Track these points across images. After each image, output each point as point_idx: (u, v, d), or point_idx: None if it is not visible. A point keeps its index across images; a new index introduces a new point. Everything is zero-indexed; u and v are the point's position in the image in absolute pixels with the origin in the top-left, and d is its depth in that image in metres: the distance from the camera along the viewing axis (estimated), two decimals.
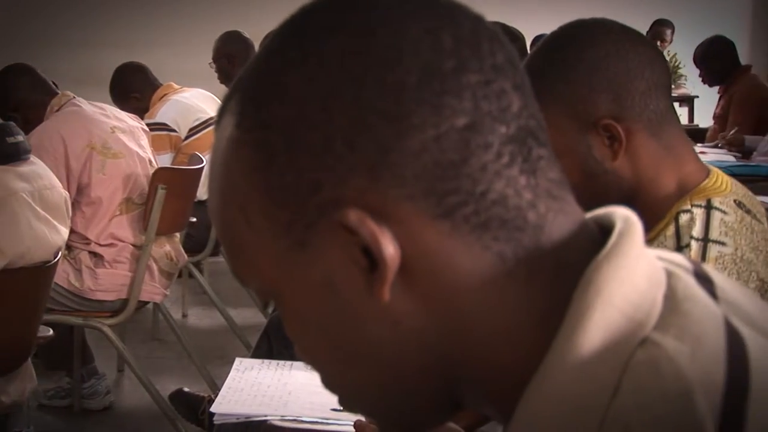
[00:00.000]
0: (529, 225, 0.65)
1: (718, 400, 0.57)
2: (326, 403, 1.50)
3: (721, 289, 0.68)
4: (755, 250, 1.41)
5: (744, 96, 5.62)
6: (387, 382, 0.68)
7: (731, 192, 1.48)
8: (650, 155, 1.46)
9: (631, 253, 0.64)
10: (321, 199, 0.63)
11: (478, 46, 0.65)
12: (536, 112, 0.68)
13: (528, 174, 0.65)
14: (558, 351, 0.62)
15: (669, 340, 0.60)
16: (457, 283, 0.64)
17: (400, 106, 0.62)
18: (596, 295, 0.62)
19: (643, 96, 1.43)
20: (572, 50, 1.45)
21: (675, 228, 1.43)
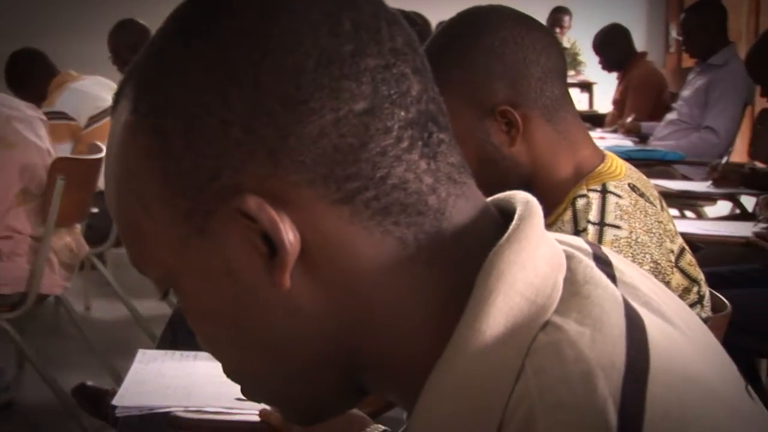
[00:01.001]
0: (430, 209, 0.65)
1: (619, 382, 0.58)
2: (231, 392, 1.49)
3: (619, 272, 0.70)
4: (649, 232, 1.45)
5: (640, 82, 5.76)
6: (289, 370, 0.68)
7: (625, 176, 1.51)
8: (546, 141, 1.48)
9: (531, 237, 0.65)
10: (219, 185, 0.63)
11: (377, 30, 0.65)
12: (436, 97, 0.68)
13: (428, 158, 0.65)
14: (461, 336, 0.62)
15: (570, 324, 0.61)
16: (358, 269, 0.64)
17: (299, 90, 0.62)
18: (498, 279, 0.62)
19: (539, 82, 1.46)
20: (469, 37, 1.46)
21: (572, 212, 1.45)
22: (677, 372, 0.60)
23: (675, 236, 1.51)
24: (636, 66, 5.82)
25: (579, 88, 8.01)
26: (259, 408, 1.31)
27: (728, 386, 0.64)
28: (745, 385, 0.69)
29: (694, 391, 0.59)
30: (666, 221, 1.50)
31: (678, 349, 0.62)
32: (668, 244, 1.47)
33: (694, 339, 0.67)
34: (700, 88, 4.91)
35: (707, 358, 0.66)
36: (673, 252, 1.48)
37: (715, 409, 0.59)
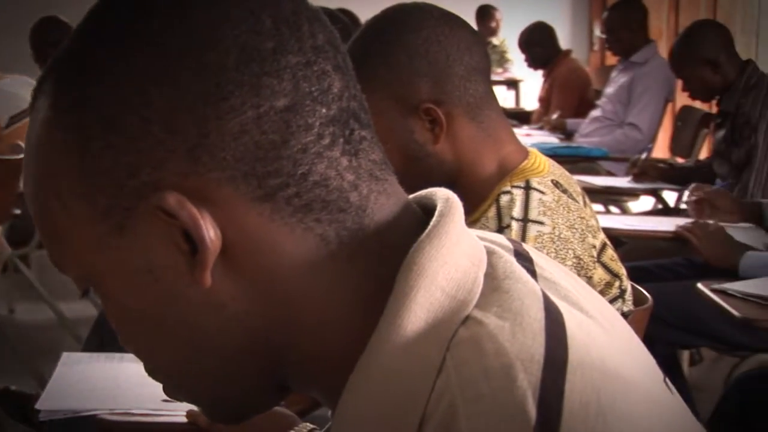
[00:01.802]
0: (352, 206, 0.65)
1: (538, 374, 0.58)
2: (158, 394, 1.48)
3: (540, 267, 0.71)
4: (571, 228, 1.47)
5: (565, 79, 5.83)
6: (210, 368, 0.68)
7: (549, 172, 1.53)
8: (470, 138, 1.49)
9: (452, 233, 0.65)
10: (139, 182, 0.62)
11: (299, 27, 0.65)
12: (358, 94, 0.68)
13: (350, 155, 0.65)
14: (383, 332, 0.62)
15: (490, 318, 0.62)
16: (280, 266, 0.64)
17: (219, 87, 0.62)
18: (419, 275, 0.63)
19: (463, 80, 1.46)
20: (393, 35, 1.47)
21: (496, 209, 1.47)
22: (595, 364, 0.61)
23: (597, 232, 1.53)
24: (561, 64, 5.90)
25: (506, 85, 8.08)
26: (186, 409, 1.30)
27: (646, 378, 0.65)
28: (664, 378, 0.70)
29: (612, 383, 0.60)
30: (588, 217, 1.52)
31: (596, 342, 0.63)
32: (590, 239, 1.49)
33: (613, 332, 0.68)
34: (623, 86, 4.99)
35: (625, 350, 0.67)
36: (595, 247, 1.51)
37: (632, 400, 0.60)
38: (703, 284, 2.36)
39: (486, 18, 8.01)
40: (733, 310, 2.16)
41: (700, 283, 2.37)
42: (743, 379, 2.17)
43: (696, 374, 3.54)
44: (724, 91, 3.42)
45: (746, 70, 3.39)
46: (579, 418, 0.57)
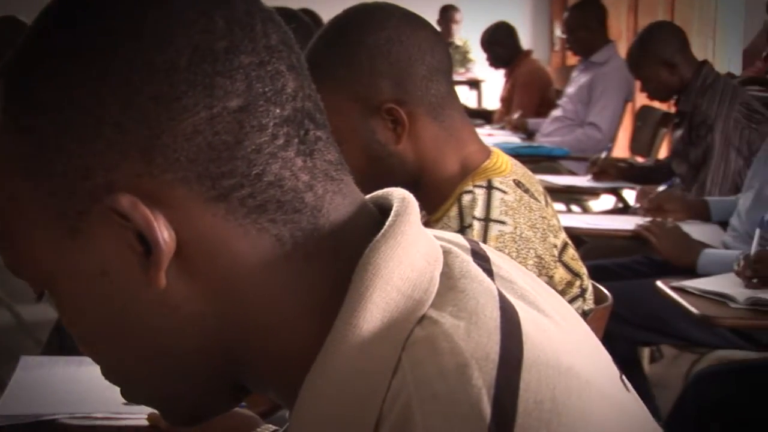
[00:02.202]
0: (307, 207, 0.65)
1: (493, 373, 0.59)
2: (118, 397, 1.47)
3: (496, 266, 0.71)
4: (533, 227, 1.47)
5: (526, 79, 5.87)
6: (167, 370, 0.68)
7: (511, 172, 1.53)
8: (432, 138, 1.49)
9: (408, 233, 0.65)
10: (92, 184, 0.62)
11: (252, 27, 0.64)
12: (313, 94, 0.68)
13: (305, 155, 0.65)
14: (339, 332, 0.62)
15: (446, 317, 0.62)
16: (235, 267, 0.64)
17: (172, 88, 0.61)
18: (375, 275, 0.63)
19: (424, 80, 1.46)
20: (354, 35, 1.46)
21: (458, 208, 1.47)
22: (550, 362, 0.61)
23: (558, 231, 1.54)
24: (522, 64, 5.94)
25: (468, 85, 8.11)
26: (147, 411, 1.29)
27: (602, 375, 0.66)
28: (620, 375, 0.71)
29: (567, 380, 0.60)
30: (550, 216, 1.53)
31: (552, 341, 0.64)
32: (552, 239, 1.50)
33: (569, 331, 0.69)
34: (584, 86, 5.03)
35: (581, 349, 0.68)
36: (557, 247, 1.51)
37: (586, 398, 0.60)
38: (662, 282, 2.39)
39: (448, 18, 8.04)
40: (691, 308, 2.18)
41: (660, 281, 2.40)
42: (702, 376, 2.20)
43: (656, 371, 3.57)
44: (682, 92, 3.45)
45: (702, 70, 3.42)
46: (533, 416, 0.57)
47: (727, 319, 2.18)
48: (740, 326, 2.32)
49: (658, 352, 3.71)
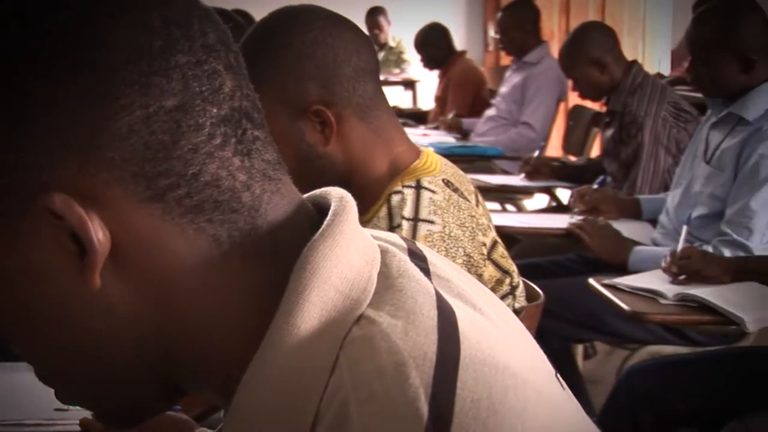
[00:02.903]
0: (245, 206, 0.65)
1: (430, 372, 0.59)
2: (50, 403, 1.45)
3: (433, 266, 0.71)
4: (462, 226, 1.48)
5: (460, 79, 5.91)
6: (102, 371, 0.67)
7: (440, 171, 1.54)
8: (361, 139, 1.50)
9: (346, 232, 0.65)
10: (27, 184, 0.61)
11: (189, 26, 0.64)
12: (251, 93, 0.67)
13: (242, 155, 0.65)
14: (276, 332, 0.62)
15: (383, 316, 0.62)
16: (171, 268, 0.63)
17: (107, 87, 0.61)
18: (312, 274, 0.63)
19: (352, 81, 1.47)
20: (281, 37, 1.46)
21: (387, 209, 1.47)
22: (486, 361, 0.61)
23: (488, 230, 1.56)
24: (456, 64, 5.97)
25: (403, 85, 8.14)
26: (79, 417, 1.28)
27: (537, 373, 0.66)
28: (555, 373, 0.72)
29: (503, 379, 0.61)
30: (479, 215, 1.54)
31: (488, 339, 0.64)
32: (480, 237, 1.51)
33: (505, 329, 0.70)
34: (517, 85, 5.08)
35: (517, 347, 0.68)
36: (486, 245, 1.53)
37: (522, 395, 0.61)
38: (594, 279, 2.42)
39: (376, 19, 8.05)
40: (622, 304, 2.22)
41: (592, 279, 2.43)
42: (633, 371, 2.23)
43: (590, 367, 3.62)
44: (612, 91, 3.50)
45: (632, 70, 3.48)
46: (470, 415, 0.58)
47: (656, 315, 2.22)
48: (669, 322, 2.36)
49: (591, 348, 3.76)
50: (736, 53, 2.60)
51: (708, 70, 2.64)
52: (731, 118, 2.68)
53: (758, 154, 2.52)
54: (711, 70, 2.64)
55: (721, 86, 2.66)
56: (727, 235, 2.53)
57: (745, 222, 2.52)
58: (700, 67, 2.67)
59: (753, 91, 2.63)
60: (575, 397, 0.69)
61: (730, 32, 2.61)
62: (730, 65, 2.61)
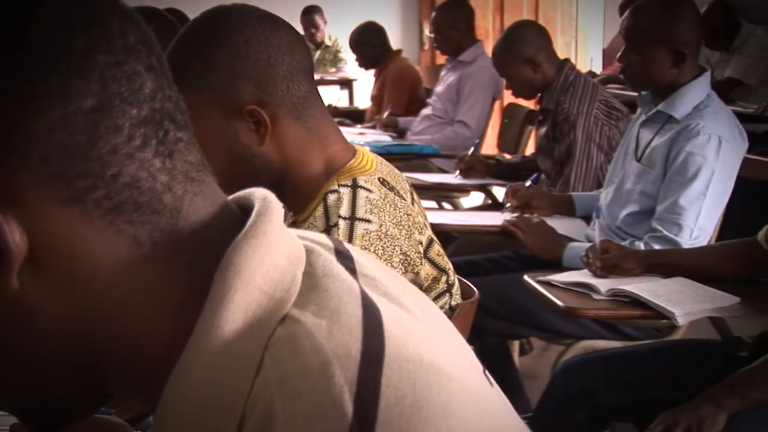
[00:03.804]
0: (166, 208, 0.64)
1: (355, 370, 0.59)
2: None
3: (360, 265, 0.71)
4: (398, 225, 1.49)
5: (395, 78, 5.91)
6: (24, 374, 0.66)
7: (376, 170, 1.55)
8: (296, 138, 1.50)
9: (269, 233, 0.65)
10: None
11: (109, 27, 0.64)
12: (174, 95, 0.67)
13: (163, 157, 0.65)
14: (200, 333, 0.62)
15: (308, 316, 0.62)
16: (92, 270, 0.63)
17: (25, 87, 0.60)
18: (236, 275, 0.63)
19: (285, 81, 1.46)
20: (213, 37, 1.45)
21: (324, 208, 1.47)
22: (411, 358, 0.62)
23: (424, 228, 1.56)
24: (391, 63, 5.97)
25: (339, 85, 8.13)
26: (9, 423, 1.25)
27: (464, 371, 0.67)
28: (483, 370, 0.73)
29: (428, 376, 0.61)
30: (415, 214, 1.55)
31: (413, 336, 0.65)
32: (417, 236, 1.52)
33: (432, 326, 0.70)
34: (452, 84, 5.11)
35: (443, 344, 0.69)
36: (422, 243, 1.53)
37: (447, 393, 0.61)
38: (529, 276, 2.44)
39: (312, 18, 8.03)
40: (556, 300, 2.24)
41: (527, 275, 2.45)
42: (567, 366, 2.26)
43: (526, 363, 3.66)
44: (545, 90, 3.54)
45: (564, 68, 3.51)
46: (395, 412, 0.58)
47: (589, 310, 2.25)
48: (602, 317, 2.40)
49: (527, 344, 3.80)
50: (669, 45, 2.65)
51: (640, 59, 2.69)
52: (660, 116, 2.72)
53: (686, 151, 2.57)
54: (643, 61, 2.68)
55: (651, 78, 2.70)
56: (657, 232, 2.58)
57: (674, 218, 2.57)
58: (633, 56, 2.71)
59: (680, 89, 2.68)
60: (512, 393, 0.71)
61: (666, 24, 2.65)
62: (662, 57, 2.66)
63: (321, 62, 8.03)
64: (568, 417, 2.16)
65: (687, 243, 2.54)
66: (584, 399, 2.15)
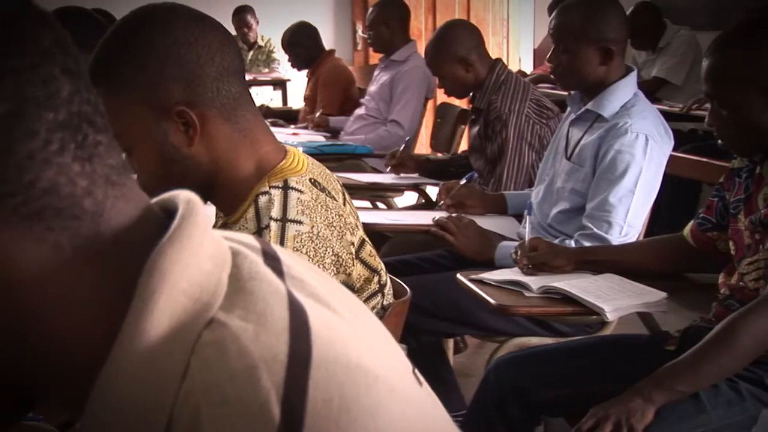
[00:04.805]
0: (86, 213, 0.64)
1: (282, 373, 0.59)
2: None
3: (287, 266, 0.71)
4: (330, 226, 1.49)
5: (329, 78, 5.90)
6: None
7: (307, 171, 1.54)
8: (226, 139, 1.48)
9: (194, 236, 0.65)
10: None
11: (21, 30, 0.63)
12: (92, 98, 0.66)
13: (83, 161, 0.64)
14: (126, 339, 0.62)
15: (234, 320, 0.62)
16: (13, 278, 0.62)
17: None
18: (161, 279, 0.62)
19: (215, 82, 1.45)
20: (142, 38, 1.43)
21: (255, 210, 1.47)
22: (339, 360, 0.62)
23: (355, 229, 1.56)
24: (325, 63, 5.96)
25: (273, 85, 8.08)
26: None
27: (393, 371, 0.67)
28: (413, 370, 0.73)
29: (356, 377, 0.62)
30: (347, 215, 1.55)
31: (342, 338, 0.65)
32: (349, 236, 1.52)
33: (360, 327, 0.70)
34: (385, 84, 5.11)
35: (372, 345, 0.69)
36: (354, 244, 1.54)
37: (375, 393, 0.62)
38: (462, 274, 2.46)
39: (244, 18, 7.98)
40: (489, 298, 2.26)
41: (460, 274, 2.47)
42: (499, 363, 2.28)
43: (461, 361, 3.68)
44: (477, 89, 3.56)
45: (496, 68, 3.54)
46: (322, 414, 0.58)
47: (521, 307, 2.27)
48: (533, 314, 2.42)
49: (462, 342, 3.82)
50: (596, 43, 2.69)
51: (569, 58, 2.72)
52: (589, 115, 2.76)
53: (615, 149, 2.61)
54: (572, 59, 2.72)
55: (580, 76, 2.74)
56: (587, 229, 2.61)
57: (604, 216, 2.60)
58: (562, 55, 2.74)
59: (608, 89, 2.72)
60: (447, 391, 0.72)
61: (592, 22, 2.70)
62: (591, 55, 2.70)
63: (254, 63, 7.98)
64: (501, 414, 2.18)
65: (617, 240, 2.58)
66: (516, 395, 2.17)
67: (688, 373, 1.87)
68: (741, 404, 1.91)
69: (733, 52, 1.96)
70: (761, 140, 1.98)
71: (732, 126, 1.98)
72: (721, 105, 1.98)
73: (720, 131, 2.03)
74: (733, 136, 2.01)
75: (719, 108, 1.99)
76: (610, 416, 1.83)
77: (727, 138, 2.03)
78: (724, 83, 1.97)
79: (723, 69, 1.97)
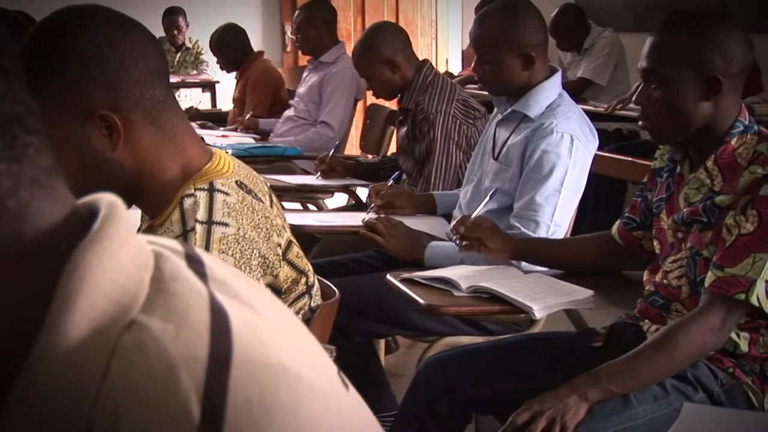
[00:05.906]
0: (9, 213, 0.63)
1: (202, 374, 0.59)
2: None
3: (210, 269, 0.71)
4: (256, 228, 1.49)
5: (257, 79, 5.88)
6: None
7: (233, 173, 1.54)
8: (150, 142, 1.47)
9: (115, 238, 0.65)
10: None
11: None
12: (25, 99, 0.65)
13: (10, 161, 0.63)
14: (44, 342, 0.61)
15: (155, 321, 0.62)
16: None
17: None
18: (81, 281, 0.62)
19: (139, 85, 1.43)
20: (63, 40, 1.41)
21: (180, 212, 1.46)
22: (260, 360, 0.62)
23: (282, 230, 1.56)
24: (253, 65, 5.93)
25: (201, 87, 8.02)
26: None
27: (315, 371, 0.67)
28: (338, 371, 0.73)
29: (277, 377, 0.62)
30: (274, 216, 1.55)
31: (262, 338, 0.65)
32: (275, 238, 1.52)
33: (281, 328, 0.71)
34: (314, 85, 5.11)
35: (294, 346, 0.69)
36: (281, 246, 1.53)
37: (296, 393, 0.62)
38: (392, 275, 2.47)
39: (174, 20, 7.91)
40: (418, 298, 2.28)
41: (390, 274, 2.48)
42: (429, 362, 2.29)
43: (393, 361, 3.69)
44: (405, 90, 3.58)
45: (423, 69, 3.57)
46: (242, 414, 0.58)
47: (450, 307, 2.29)
48: (462, 313, 2.43)
49: (393, 342, 3.83)
50: (516, 51, 2.73)
51: (492, 68, 2.76)
52: (515, 115, 2.80)
53: (541, 149, 2.65)
54: (495, 68, 2.75)
55: (505, 83, 2.77)
56: (515, 228, 2.64)
57: (531, 215, 2.64)
58: (484, 65, 2.78)
59: (534, 89, 2.76)
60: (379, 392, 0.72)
61: (509, 31, 2.73)
62: (512, 63, 2.74)
63: (182, 64, 7.91)
64: (432, 413, 2.19)
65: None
66: (446, 394, 2.18)
67: (626, 375, 1.90)
68: (666, 398, 1.94)
69: (684, 33, 1.95)
70: (684, 127, 1.98)
71: (660, 106, 1.97)
72: (657, 83, 1.98)
73: (646, 111, 2.01)
74: (658, 117, 1.99)
75: (652, 88, 1.99)
76: (544, 411, 1.85)
77: (653, 119, 2.01)
78: (667, 61, 1.95)
79: (669, 47, 1.96)
